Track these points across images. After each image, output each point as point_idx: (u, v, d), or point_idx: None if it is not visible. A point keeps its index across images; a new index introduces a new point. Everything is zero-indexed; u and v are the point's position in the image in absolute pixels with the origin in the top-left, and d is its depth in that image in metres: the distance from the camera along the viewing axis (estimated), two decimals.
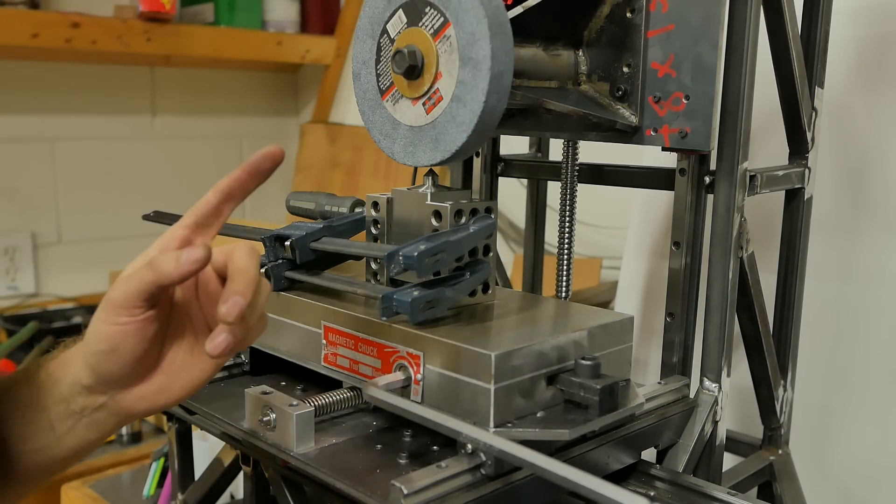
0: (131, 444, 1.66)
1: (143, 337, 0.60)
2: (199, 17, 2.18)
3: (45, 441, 0.64)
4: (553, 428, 0.64)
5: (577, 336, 0.69)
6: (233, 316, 0.56)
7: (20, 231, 2.08)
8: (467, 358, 0.64)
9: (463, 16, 0.65)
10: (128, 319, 0.59)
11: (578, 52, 0.81)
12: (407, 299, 0.67)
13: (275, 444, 0.68)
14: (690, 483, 0.74)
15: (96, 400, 0.63)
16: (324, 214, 0.87)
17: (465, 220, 0.73)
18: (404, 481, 0.58)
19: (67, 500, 1.41)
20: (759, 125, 0.83)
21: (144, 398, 0.63)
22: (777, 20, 0.82)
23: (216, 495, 0.89)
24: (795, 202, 0.93)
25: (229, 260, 0.60)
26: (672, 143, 0.76)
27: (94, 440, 0.66)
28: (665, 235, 1.17)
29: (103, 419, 0.64)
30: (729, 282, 0.80)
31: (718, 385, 0.81)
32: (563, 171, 0.88)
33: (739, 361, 0.89)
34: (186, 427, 0.87)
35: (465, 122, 0.66)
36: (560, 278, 0.88)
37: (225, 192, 0.63)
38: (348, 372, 0.74)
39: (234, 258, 0.59)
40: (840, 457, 1.08)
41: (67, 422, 0.64)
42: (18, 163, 2.06)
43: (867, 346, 1.05)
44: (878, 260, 1.04)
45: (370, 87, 0.74)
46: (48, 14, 1.86)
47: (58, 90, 2.12)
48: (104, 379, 0.62)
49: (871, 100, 1.04)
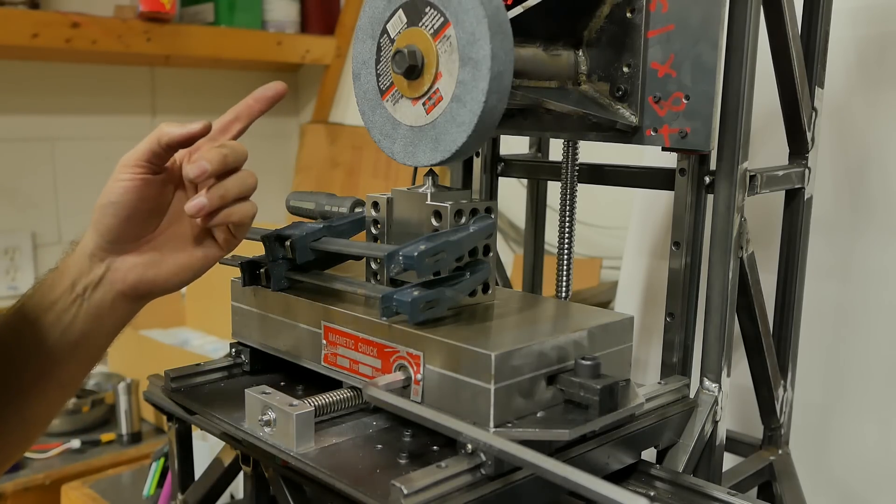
0: (131, 444, 1.66)
1: (144, 196, 0.69)
2: (199, 17, 2.18)
3: (53, 341, 0.71)
4: (553, 428, 0.64)
5: (577, 336, 0.69)
6: (194, 174, 0.66)
7: (20, 231, 2.08)
8: (467, 358, 0.64)
9: (463, 16, 0.65)
10: (130, 176, 0.68)
11: (578, 52, 0.81)
12: (407, 299, 0.67)
13: (275, 444, 0.68)
14: (690, 483, 0.74)
15: (96, 273, 0.71)
16: (324, 214, 0.87)
17: (465, 220, 0.73)
18: (404, 481, 0.58)
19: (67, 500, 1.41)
20: (759, 125, 0.83)
21: (135, 268, 0.71)
22: (777, 20, 0.82)
23: (216, 495, 0.89)
24: (795, 202, 0.93)
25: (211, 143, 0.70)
26: (672, 143, 0.76)
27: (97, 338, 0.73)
28: (665, 235, 1.17)
29: (101, 299, 0.71)
30: (729, 282, 0.80)
31: (718, 385, 0.81)
32: (563, 171, 0.88)
33: (739, 361, 0.89)
34: (186, 427, 0.87)
35: (465, 122, 0.66)
36: (560, 278, 0.88)
37: (234, 112, 0.74)
38: (348, 372, 0.74)
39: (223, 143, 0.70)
40: (840, 457, 1.08)
41: (71, 309, 0.71)
42: (18, 163, 2.06)
43: (867, 346, 1.05)
44: (878, 260, 1.04)
45: (370, 87, 0.74)
46: (48, 14, 1.86)
47: (58, 90, 2.12)
48: (107, 235, 0.69)
49: (871, 100, 1.04)
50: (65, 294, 0.71)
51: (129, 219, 0.69)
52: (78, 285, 0.71)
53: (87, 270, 0.71)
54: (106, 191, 0.69)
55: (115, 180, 0.68)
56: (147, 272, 0.72)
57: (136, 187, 0.68)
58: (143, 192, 0.69)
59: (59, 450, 1.61)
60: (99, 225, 0.69)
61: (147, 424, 1.74)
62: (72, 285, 0.71)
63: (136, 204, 0.69)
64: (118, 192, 0.68)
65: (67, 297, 0.71)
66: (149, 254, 0.72)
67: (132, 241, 0.71)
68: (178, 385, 0.83)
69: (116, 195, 0.68)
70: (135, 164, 0.68)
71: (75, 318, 0.71)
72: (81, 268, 0.71)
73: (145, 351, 1.75)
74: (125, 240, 0.70)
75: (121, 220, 0.69)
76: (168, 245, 0.72)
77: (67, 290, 0.71)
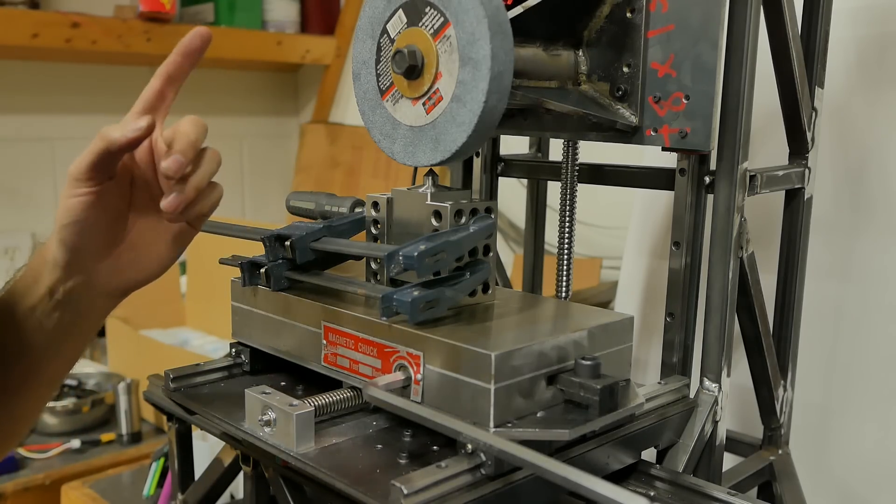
0: (131, 444, 1.66)
1: (103, 207, 0.65)
2: (199, 17, 2.18)
3: (36, 342, 0.70)
4: (553, 428, 0.64)
5: (577, 336, 0.69)
6: (173, 170, 0.61)
7: (20, 231, 2.08)
8: (467, 358, 0.64)
9: (463, 16, 0.65)
10: (85, 190, 0.64)
11: (578, 52, 0.81)
12: (407, 299, 0.67)
13: (275, 444, 0.68)
14: (690, 483, 0.74)
15: (76, 281, 0.68)
16: (324, 214, 0.87)
17: (465, 220, 0.73)
18: (404, 481, 0.58)
19: (67, 500, 1.41)
20: (759, 125, 0.83)
21: (116, 273, 0.70)
22: (777, 20, 0.82)
23: (216, 495, 0.89)
24: (795, 202, 0.93)
25: (174, 128, 0.65)
26: (672, 143, 0.76)
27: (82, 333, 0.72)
28: (665, 235, 1.17)
29: (86, 304, 0.70)
30: (729, 282, 0.80)
31: (718, 385, 0.81)
32: (563, 171, 0.88)
33: (739, 361, 0.89)
34: (186, 427, 0.87)
35: (465, 122, 0.66)
36: (560, 278, 0.88)
37: (165, 76, 0.68)
38: (348, 372, 0.74)
39: (179, 125, 0.65)
40: (840, 457, 1.08)
41: (54, 315, 0.69)
42: (18, 163, 2.06)
43: (867, 346, 1.05)
44: (878, 260, 1.04)
45: (370, 87, 0.74)
46: (48, 14, 1.86)
47: (58, 90, 2.12)
48: (76, 252, 0.67)
49: (871, 100, 1.04)
50: (43, 300, 0.69)
51: (94, 233, 0.67)
52: (57, 293, 0.69)
53: (64, 278, 0.68)
54: (64, 209, 0.65)
55: (70, 196, 0.65)
56: (128, 274, 0.71)
57: (93, 201, 0.65)
58: (102, 203, 0.66)
59: (59, 450, 1.61)
60: (65, 243, 0.66)
61: (147, 424, 1.74)
62: (49, 292, 0.69)
63: (98, 216, 0.66)
64: (77, 209, 0.65)
65: (47, 302, 0.69)
66: (125, 255, 0.70)
67: (104, 251, 0.69)
68: (178, 385, 0.82)
69: (76, 213, 0.65)
70: (87, 178, 0.64)
71: (59, 322, 0.70)
72: (57, 276, 0.68)
73: (145, 351, 1.75)
74: (95, 252, 0.69)
75: (86, 238, 0.67)
76: (141, 240, 0.70)
77: (45, 297, 0.69)
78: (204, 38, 0.68)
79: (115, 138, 0.62)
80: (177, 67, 0.68)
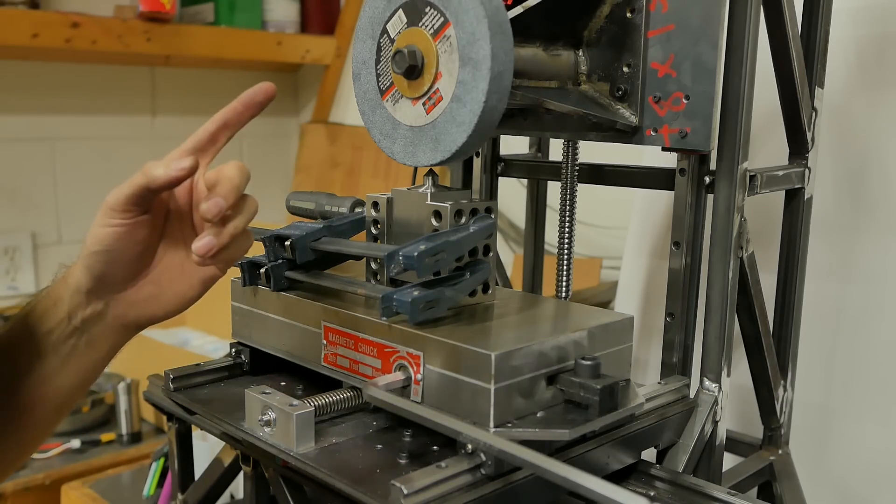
0: (131, 444, 1.66)
1: (134, 239, 0.66)
2: (199, 17, 2.18)
3: (49, 367, 0.70)
4: (553, 428, 0.64)
5: (577, 336, 0.69)
6: (212, 213, 0.62)
7: (20, 231, 2.08)
8: (467, 358, 0.64)
9: (463, 16, 0.65)
10: (120, 221, 0.64)
11: (578, 52, 0.81)
12: (407, 299, 0.67)
13: (275, 444, 0.68)
14: (690, 483, 0.74)
15: (95, 308, 0.69)
16: (324, 214, 0.87)
17: (465, 220, 0.73)
18: (404, 481, 0.58)
19: (67, 500, 1.41)
20: (759, 125, 0.83)
21: (136, 305, 0.70)
22: (777, 20, 0.82)
23: (216, 495, 0.89)
24: (795, 202, 0.93)
25: (218, 171, 0.65)
26: (672, 143, 0.76)
27: (94, 363, 0.72)
28: (665, 235, 1.17)
29: (101, 334, 0.70)
30: (729, 282, 0.80)
31: (718, 385, 0.81)
32: (563, 171, 0.88)
33: (739, 361, 0.89)
34: (186, 427, 0.87)
35: (465, 122, 0.66)
36: (560, 278, 0.88)
37: (222, 122, 0.68)
38: (348, 372, 0.74)
39: (223, 169, 0.65)
40: (840, 457, 1.08)
41: (69, 342, 0.69)
42: (18, 163, 2.06)
43: (867, 346, 1.05)
44: (879, 260, 1.04)
45: (370, 87, 0.74)
46: (48, 14, 1.86)
47: (58, 90, 2.12)
48: (101, 280, 0.67)
49: (871, 100, 1.04)
50: (61, 324, 0.69)
51: (122, 263, 0.67)
52: (75, 318, 0.69)
53: (83, 304, 0.68)
54: (94, 236, 0.65)
55: (103, 225, 0.65)
56: (147, 308, 0.70)
57: (125, 233, 0.65)
58: (134, 235, 0.66)
59: (59, 450, 1.61)
60: (91, 270, 0.66)
61: (147, 424, 1.74)
62: (68, 317, 0.69)
63: (128, 248, 0.66)
64: (108, 239, 0.65)
65: (64, 327, 0.69)
66: (147, 288, 0.70)
67: (128, 282, 0.69)
68: (178, 385, 0.82)
69: (107, 243, 0.65)
70: (123, 210, 0.64)
71: (73, 349, 0.70)
72: (78, 302, 0.68)
73: (145, 351, 1.75)
74: (120, 282, 0.69)
75: (113, 266, 0.67)
76: (165, 276, 0.70)
77: (64, 321, 0.69)
78: (268, 94, 0.68)
79: (157, 175, 0.62)
80: (235, 115, 0.69)
